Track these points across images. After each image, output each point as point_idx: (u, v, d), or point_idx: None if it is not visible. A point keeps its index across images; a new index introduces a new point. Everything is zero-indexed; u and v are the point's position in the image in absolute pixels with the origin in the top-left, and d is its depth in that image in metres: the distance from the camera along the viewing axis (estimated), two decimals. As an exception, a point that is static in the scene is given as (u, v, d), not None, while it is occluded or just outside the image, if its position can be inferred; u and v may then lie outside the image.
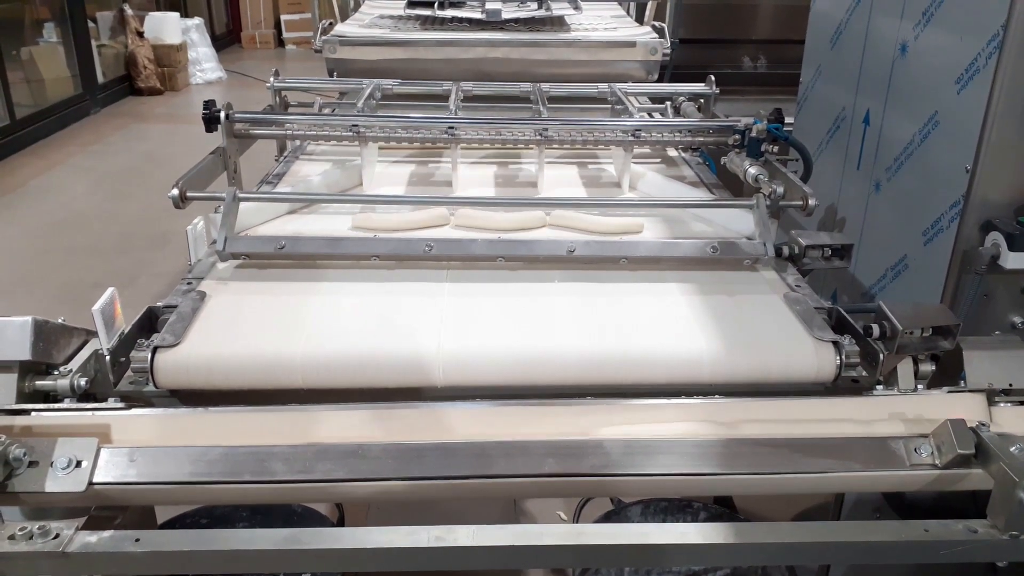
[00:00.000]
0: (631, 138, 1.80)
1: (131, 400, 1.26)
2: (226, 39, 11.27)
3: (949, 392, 1.26)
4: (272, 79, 2.11)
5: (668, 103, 2.27)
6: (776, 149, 1.70)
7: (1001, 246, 1.49)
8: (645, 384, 1.26)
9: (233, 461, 1.12)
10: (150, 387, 1.26)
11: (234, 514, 1.89)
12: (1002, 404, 1.26)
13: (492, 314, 1.35)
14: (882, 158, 1.87)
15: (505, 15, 2.67)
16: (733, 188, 1.98)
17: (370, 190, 1.88)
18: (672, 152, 2.21)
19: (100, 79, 8.01)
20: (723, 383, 1.27)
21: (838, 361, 1.27)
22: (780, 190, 1.54)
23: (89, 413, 1.18)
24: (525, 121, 1.81)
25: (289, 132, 1.80)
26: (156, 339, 1.24)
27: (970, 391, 1.25)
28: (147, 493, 1.12)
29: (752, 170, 1.63)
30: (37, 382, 1.24)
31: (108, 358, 1.22)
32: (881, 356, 1.25)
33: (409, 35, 2.56)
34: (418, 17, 2.81)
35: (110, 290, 1.24)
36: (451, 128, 1.79)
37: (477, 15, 2.69)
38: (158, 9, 9.46)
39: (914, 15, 1.71)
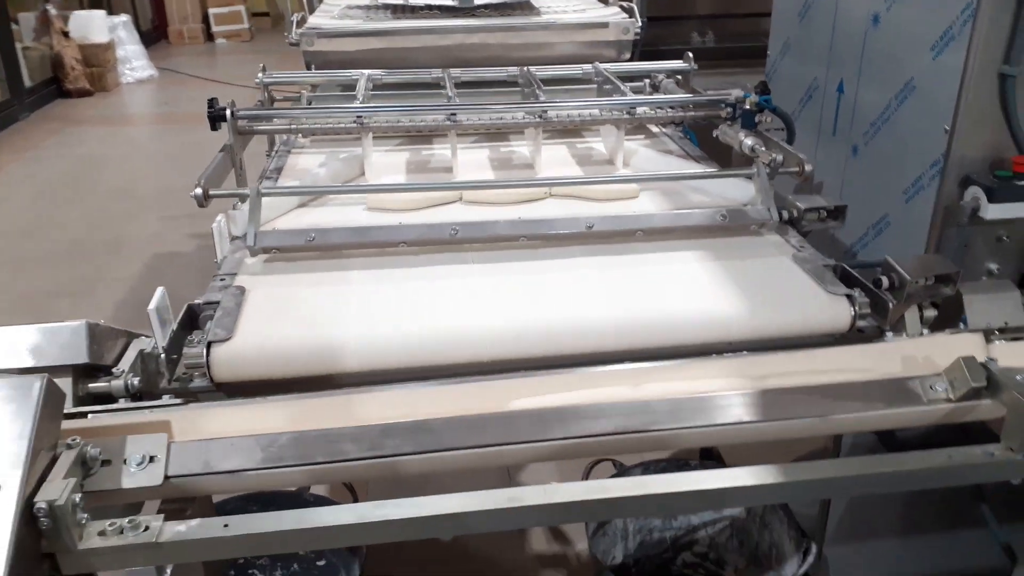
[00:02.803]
0: (626, 116, 1.88)
1: (184, 396, 1.29)
2: (152, 36, 10.94)
3: (952, 334, 1.37)
4: (260, 74, 2.12)
5: (647, 81, 2.35)
6: (770, 120, 1.80)
7: (981, 199, 1.61)
8: (678, 345, 1.35)
9: (303, 445, 1.16)
10: (196, 383, 1.29)
11: (245, 508, 1.94)
12: (997, 342, 1.38)
13: (525, 289, 1.42)
14: (859, 124, 1.99)
15: (477, 1, 2.71)
16: (719, 159, 2.08)
17: (373, 179, 1.92)
18: (654, 128, 2.30)
19: (27, 83, 7.72)
20: (749, 340, 1.36)
21: (852, 312, 1.37)
22: (780, 158, 1.63)
23: (148, 411, 1.21)
24: (524, 104, 1.87)
25: (294, 126, 1.82)
26: (209, 334, 1.26)
27: (971, 331, 1.37)
28: (223, 482, 1.15)
29: (748, 140, 1.72)
30: (90, 385, 1.25)
31: (163, 356, 1.25)
32: (890, 305, 1.36)
33: (386, 24, 2.59)
34: (388, 6, 2.83)
35: (160, 289, 1.26)
36: (452, 115, 1.83)
37: (449, 2, 2.73)
38: (81, 7, 9.14)
39: (885, -13, 1.83)
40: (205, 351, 1.24)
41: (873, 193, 1.92)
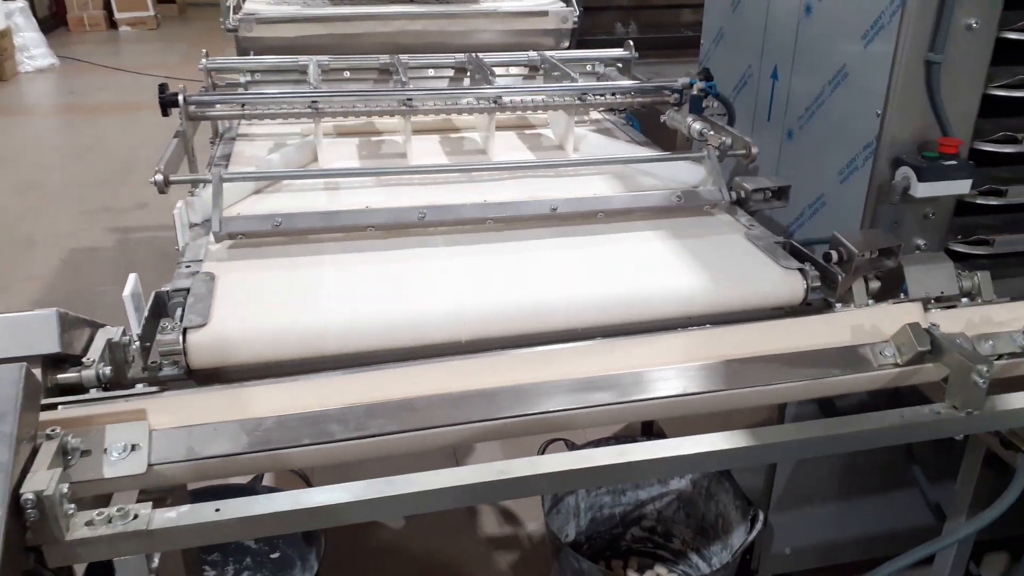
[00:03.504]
0: (578, 102, 1.92)
1: (156, 384, 1.27)
2: (51, 23, 10.39)
3: (894, 303, 1.47)
4: (204, 60, 2.07)
5: (588, 68, 2.40)
6: (716, 105, 1.87)
7: (911, 179, 1.73)
8: (644, 321, 1.40)
9: (288, 428, 1.17)
10: (167, 371, 1.27)
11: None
12: (934, 310, 1.50)
13: (495, 270, 1.45)
14: (793, 109, 2.09)
15: (418, -14, 2.71)
16: (661, 144, 2.15)
17: (326, 165, 1.91)
18: (595, 115, 2.36)
19: (-80, 74, 7.23)
20: (711, 314, 1.43)
21: (805, 285, 1.46)
22: (728, 141, 1.71)
23: (124, 400, 1.18)
24: (478, 90, 1.89)
25: (248, 111, 1.79)
26: (184, 320, 1.25)
27: (911, 301, 1.48)
28: (208, 468, 1.14)
29: (697, 125, 1.80)
30: (59, 376, 1.22)
31: (137, 344, 1.22)
32: (839, 278, 1.46)
33: (328, 11, 2.56)
34: (325, -8, 2.79)
35: (133, 276, 1.24)
36: (409, 100, 1.84)
37: (388, -12, 2.72)
38: (-28, -8, 8.60)
39: (816, -21, 1.94)
40: (181, 337, 1.23)
41: (809, 175, 2.03)
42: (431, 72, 2.24)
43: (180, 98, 1.69)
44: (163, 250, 3.58)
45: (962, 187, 1.74)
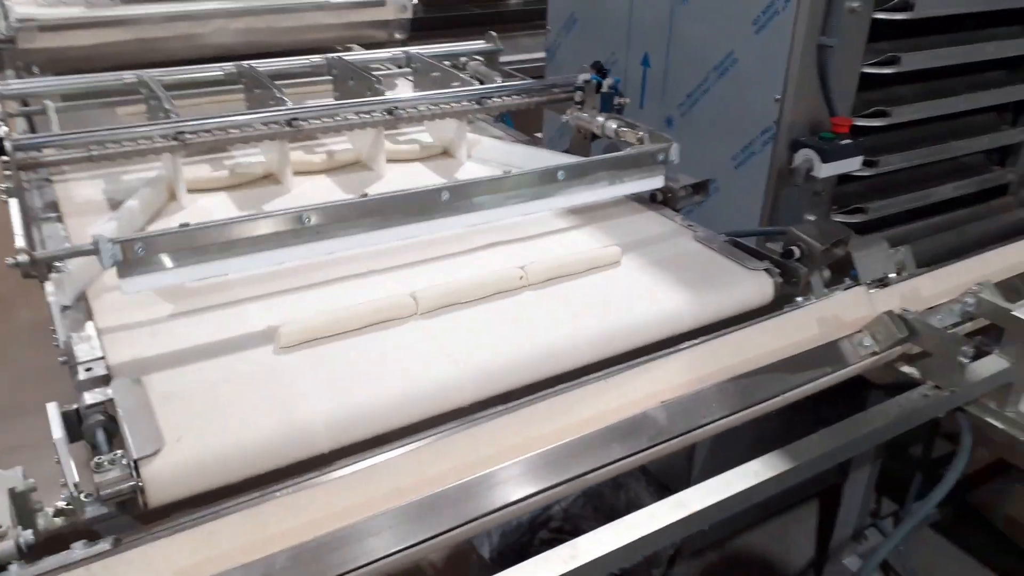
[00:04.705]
0: (476, 106, 1.76)
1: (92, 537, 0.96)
2: None
3: (846, 289, 1.51)
4: (-2, 84, 1.62)
5: (448, 63, 2.22)
6: (628, 101, 1.80)
7: (814, 160, 1.78)
8: (637, 348, 1.31)
9: (307, 563, 0.93)
10: (92, 511, 0.97)
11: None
12: (872, 290, 1.55)
13: (482, 319, 1.27)
14: (672, 96, 2.09)
15: (229, -21, 2.34)
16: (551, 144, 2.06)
17: (186, 202, 1.59)
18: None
19: None
20: (696, 328, 1.36)
21: (774, 283, 1.44)
22: (648, 137, 1.64)
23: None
24: (374, 101, 1.66)
25: (97, 153, 1.41)
26: (134, 449, 0.95)
27: (861, 285, 1.51)
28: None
29: (611, 124, 1.71)
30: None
31: (80, 495, 0.92)
32: (801, 273, 1.46)
33: (129, 11, 2.12)
34: (109, -12, 2.32)
35: (53, 408, 0.92)
36: (294, 119, 1.57)
37: (193, -19, 2.32)
38: None
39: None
40: (134, 473, 0.93)
41: (697, 162, 2.03)
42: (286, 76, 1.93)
43: (6, 145, 1.29)
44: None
45: (856, 164, 1.83)
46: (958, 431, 1.45)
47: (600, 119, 1.74)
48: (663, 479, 2.37)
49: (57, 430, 0.89)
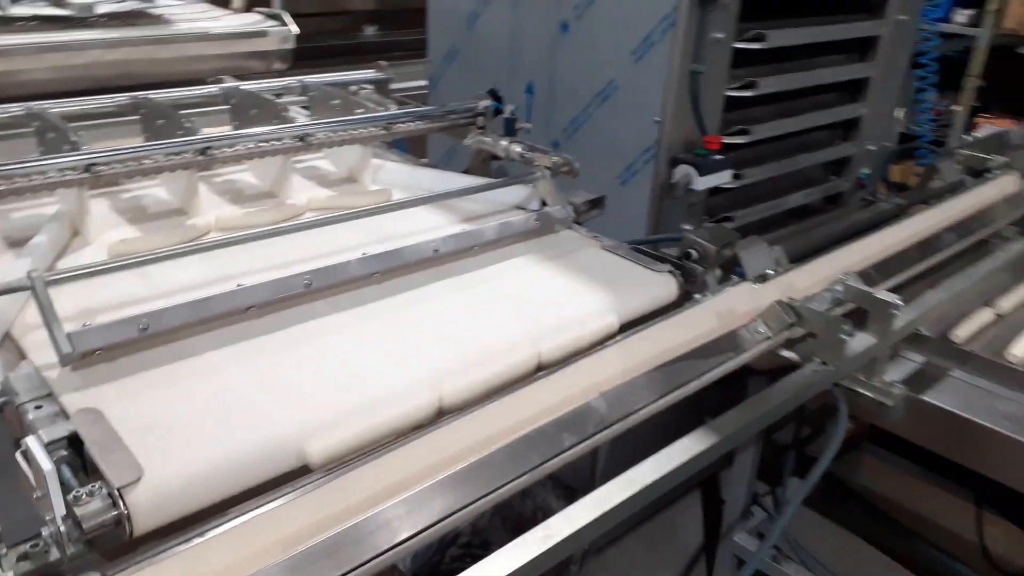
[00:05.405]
0: (383, 131, 1.82)
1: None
2: None
3: (736, 284, 1.69)
4: None
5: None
6: (531, 126, 1.92)
7: (692, 175, 1.98)
8: (558, 356, 1.40)
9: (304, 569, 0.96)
10: (54, 553, 0.95)
11: None
12: (757, 286, 1.75)
13: (413, 333, 1.33)
14: (557, 121, 2.23)
15: (101, 9, 2.26)
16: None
17: (93, 236, 1.55)
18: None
19: None
20: (613, 331, 1.49)
21: (678, 283, 1.60)
22: (558, 160, 1.77)
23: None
24: (284, 129, 1.68)
25: (4, 187, 1.35)
26: (112, 479, 0.94)
27: (748, 280, 1.70)
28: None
29: (517, 148, 1.82)
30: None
31: (63, 528, 0.90)
32: (699, 272, 1.63)
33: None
34: (-35, 18, 2.19)
35: (32, 440, 0.90)
36: (207, 148, 1.57)
37: (62, 12, 2.22)
38: None
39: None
40: (119, 501, 0.93)
41: (585, 182, 2.18)
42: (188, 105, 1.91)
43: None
44: None
45: (727, 176, 2.05)
46: (824, 411, 1.64)
47: (503, 143, 1.85)
48: (570, 482, 2.48)
49: (46, 462, 0.87)
